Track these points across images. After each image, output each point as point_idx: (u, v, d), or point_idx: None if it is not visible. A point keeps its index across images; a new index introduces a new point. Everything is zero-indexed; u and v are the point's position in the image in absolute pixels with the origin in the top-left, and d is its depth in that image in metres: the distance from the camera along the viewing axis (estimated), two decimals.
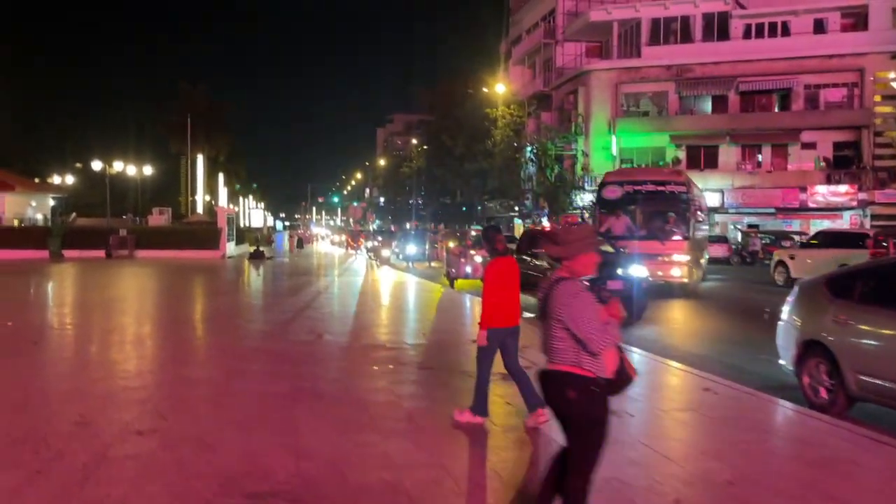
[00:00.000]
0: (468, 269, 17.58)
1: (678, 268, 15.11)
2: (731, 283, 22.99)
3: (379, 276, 23.58)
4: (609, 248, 14.49)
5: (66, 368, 8.15)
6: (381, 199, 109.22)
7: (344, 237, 57.53)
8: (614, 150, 43.30)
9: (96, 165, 39.39)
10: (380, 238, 35.13)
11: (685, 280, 15.47)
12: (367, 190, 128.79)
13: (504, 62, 61.03)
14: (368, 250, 33.18)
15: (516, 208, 52.10)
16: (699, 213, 16.04)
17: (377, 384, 7.20)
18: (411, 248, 26.52)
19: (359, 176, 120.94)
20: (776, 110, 41.82)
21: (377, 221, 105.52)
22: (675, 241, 15.24)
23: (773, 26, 42.03)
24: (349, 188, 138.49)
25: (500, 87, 45.05)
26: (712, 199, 40.92)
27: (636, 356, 8.95)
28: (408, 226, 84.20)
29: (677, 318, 14.27)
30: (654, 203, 15.78)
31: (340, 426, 5.59)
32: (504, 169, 46.65)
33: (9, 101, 56.04)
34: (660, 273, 14.87)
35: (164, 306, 14.57)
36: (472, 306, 14.50)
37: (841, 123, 39.72)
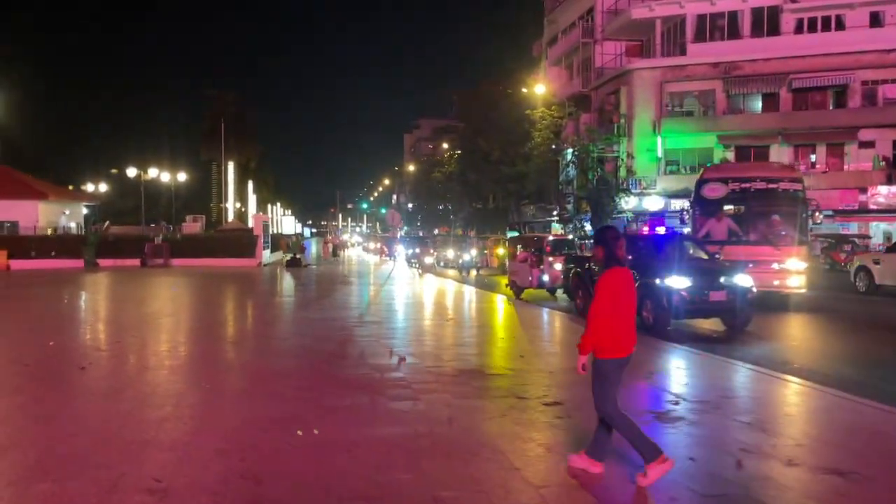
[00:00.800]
0: (545, 278, 16.19)
1: (796, 276, 13.45)
2: (809, 292, 21.34)
3: (431, 286, 22.30)
4: (702, 255, 13.03)
5: (122, 404, 6.88)
6: (410, 205, 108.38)
7: (378, 244, 56.32)
8: (659, 152, 41.76)
9: (131, 172, 38.63)
10: (420, 245, 33.80)
11: (803, 290, 13.85)
12: (395, 196, 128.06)
13: (538, 64, 59.64)
14: (410, 257, 31.89)
15: (554, 213, 50.64)
16: (818, 213, 14.30)
17: (506, 428, 5.83)
18: (467, 255, 24.86)
19: (387, 182, 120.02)
20: (831, 108, 39.90)
21: (405, 227, 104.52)
22: (792, 247, 13.58)
23: (826, 20, 40.20)
24: (376, 194, 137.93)
25: (539, 88, 43.62)
26: None
27: (777, 380, 7.52)
28: (436, 231, 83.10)
29: (793, 333, 12.72)
30: (765, 203, 14.11)
31: (500, 498, 4.26)
32: (544, 172, 45.25)
33: (42, 111, 55.84)
34: (775, 282, 13.25)
35: (213, 322, 13.38)
36: (553, 321, 13.12)
37: None
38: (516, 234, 51.93)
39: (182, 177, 47.65)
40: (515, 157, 46.97)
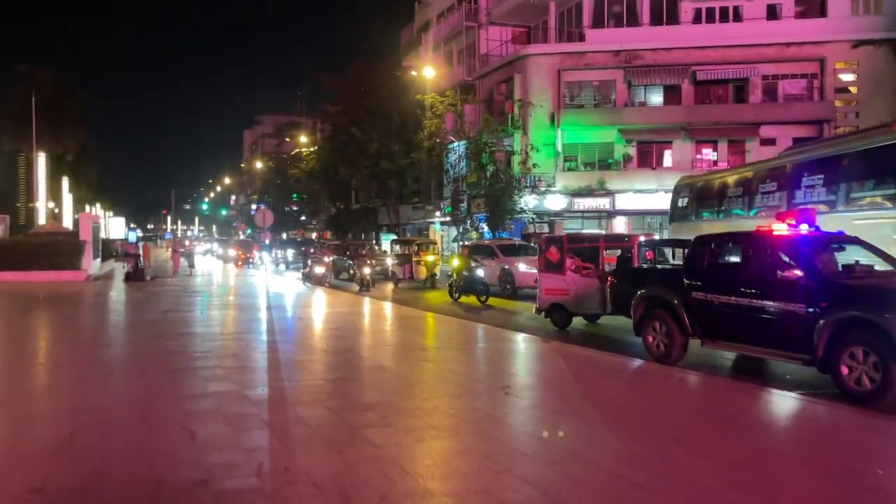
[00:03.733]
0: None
1: None
2: None
3: (364, 309, 16.37)
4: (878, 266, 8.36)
5: None
6: (254, 206, 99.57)
7: (233, 249, 48.31)
8: (559, 146, 38.09)
9: None
10: (312, 251, 27.14)
11: None
12: (235, 196, 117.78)
13: (410, 50, 54.63)
14: (303, 269, 25.21)
15: (437, 213, 45.74)
16: None
17: None
18: (480, 271, 17.20)
19: (227, 181, 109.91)
20: (732, 103, 38.07)
21: (248, 231, 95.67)
22: None
23: (724, 11, 38.40)
24: (212, 194, 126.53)
25: (428, 71, 38.50)
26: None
27: None
28: (284, 236, 75.77)
29: None
30: None
31: None
32: (435, 167, 40.32)
33: None
34: None
35: (70, 393, 6.97)
36: (694, 384, 7.90)
37: (802, 117, 36.54)
38: (392, 237, 46.47)
39: None
40: (396, 151, 41.53)
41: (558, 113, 37.84)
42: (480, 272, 17.25)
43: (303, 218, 77.00)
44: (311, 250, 28.79)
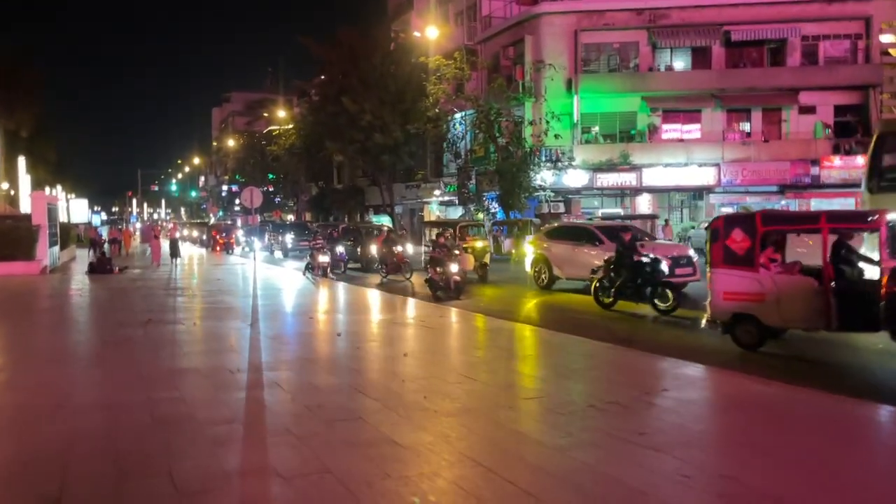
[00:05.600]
0: None
1: None
2: None
3: (450, 324, 11.99)
4: None
5: None
6: (224, 188, 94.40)
7: (211, 233, 43.54)
8: (576, 115, 34.19)
9: None
10: (318, 235, 22.63)
11: None
12: (204, 177, 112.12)
13: (400, 15, 50.12)
14: (312, 260, 20.58)
15: (436, 191, 41.65)
16: None
17: None
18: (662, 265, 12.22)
19: (196, 161, 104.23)
20: (767, 67, 34.38)
21: (220, 213, 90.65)
22: None
23: None
24: (180, 175, 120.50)
25: (431, 32, 34.21)
26: (705, 175, 33.16)
27: None
28: (259, 218, 70.91)
29: None
30: None
31: None
32: (435, 140, 36.23)
33: None
34: None
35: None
36: None
37: (846, 82, 33.10)
38: (385, 218, 42.25)
39: None
40: (391, 123, 37.26)
41: (576, 78, 33.95)
42: (664, 267, 12.04)
43: (278, 199, 72.24)
44: (333, 236, 24.62)
